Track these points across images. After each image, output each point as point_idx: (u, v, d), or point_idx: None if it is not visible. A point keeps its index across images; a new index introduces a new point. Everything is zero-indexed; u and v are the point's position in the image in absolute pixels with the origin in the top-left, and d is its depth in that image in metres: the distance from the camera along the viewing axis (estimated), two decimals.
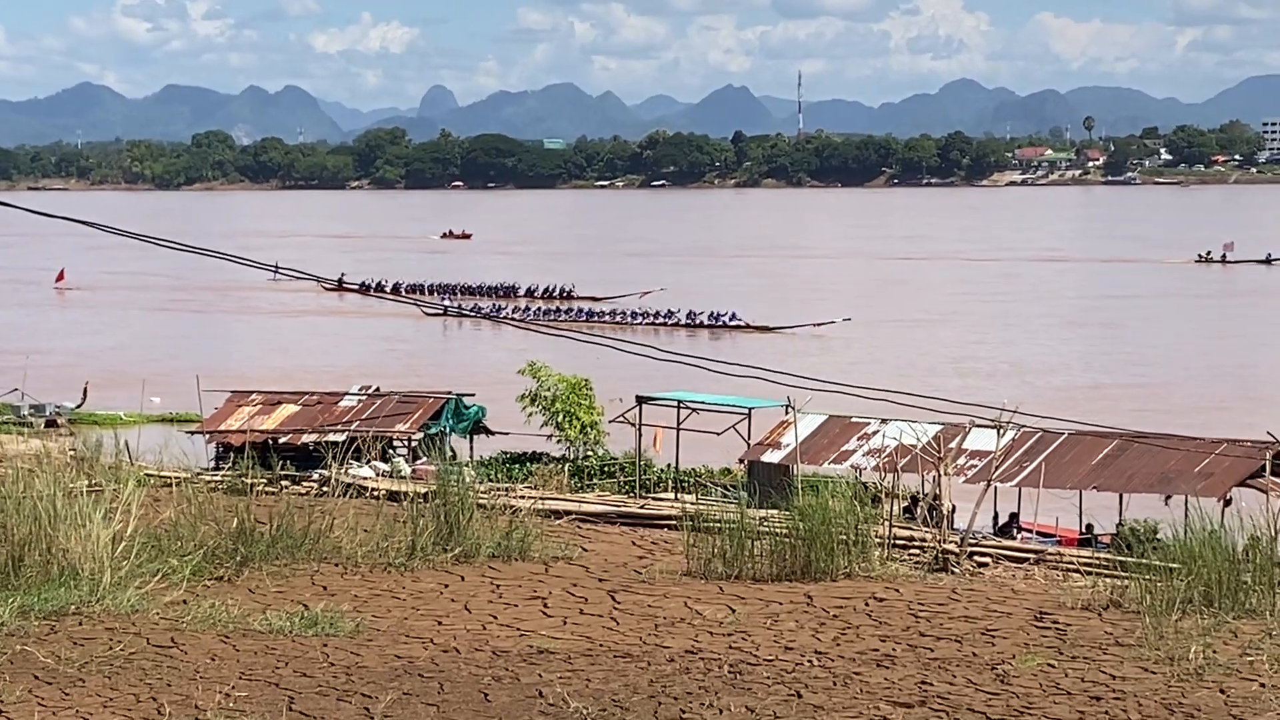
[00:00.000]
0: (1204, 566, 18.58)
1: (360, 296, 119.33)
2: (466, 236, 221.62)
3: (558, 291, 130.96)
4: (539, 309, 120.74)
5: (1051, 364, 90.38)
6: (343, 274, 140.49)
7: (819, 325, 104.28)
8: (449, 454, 41.64)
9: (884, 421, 41.99)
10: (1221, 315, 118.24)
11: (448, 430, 47.96)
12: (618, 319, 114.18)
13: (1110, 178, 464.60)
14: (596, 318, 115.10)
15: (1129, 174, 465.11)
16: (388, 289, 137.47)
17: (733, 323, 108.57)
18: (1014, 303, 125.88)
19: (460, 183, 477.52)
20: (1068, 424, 38.53)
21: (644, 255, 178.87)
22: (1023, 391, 76.14)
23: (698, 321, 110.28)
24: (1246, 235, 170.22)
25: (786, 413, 43.71)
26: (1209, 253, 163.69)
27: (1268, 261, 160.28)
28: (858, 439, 43.07)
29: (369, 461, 39.33)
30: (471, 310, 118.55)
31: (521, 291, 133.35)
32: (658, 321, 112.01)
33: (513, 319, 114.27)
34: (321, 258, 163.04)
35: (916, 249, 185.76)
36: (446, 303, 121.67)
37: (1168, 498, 38.41)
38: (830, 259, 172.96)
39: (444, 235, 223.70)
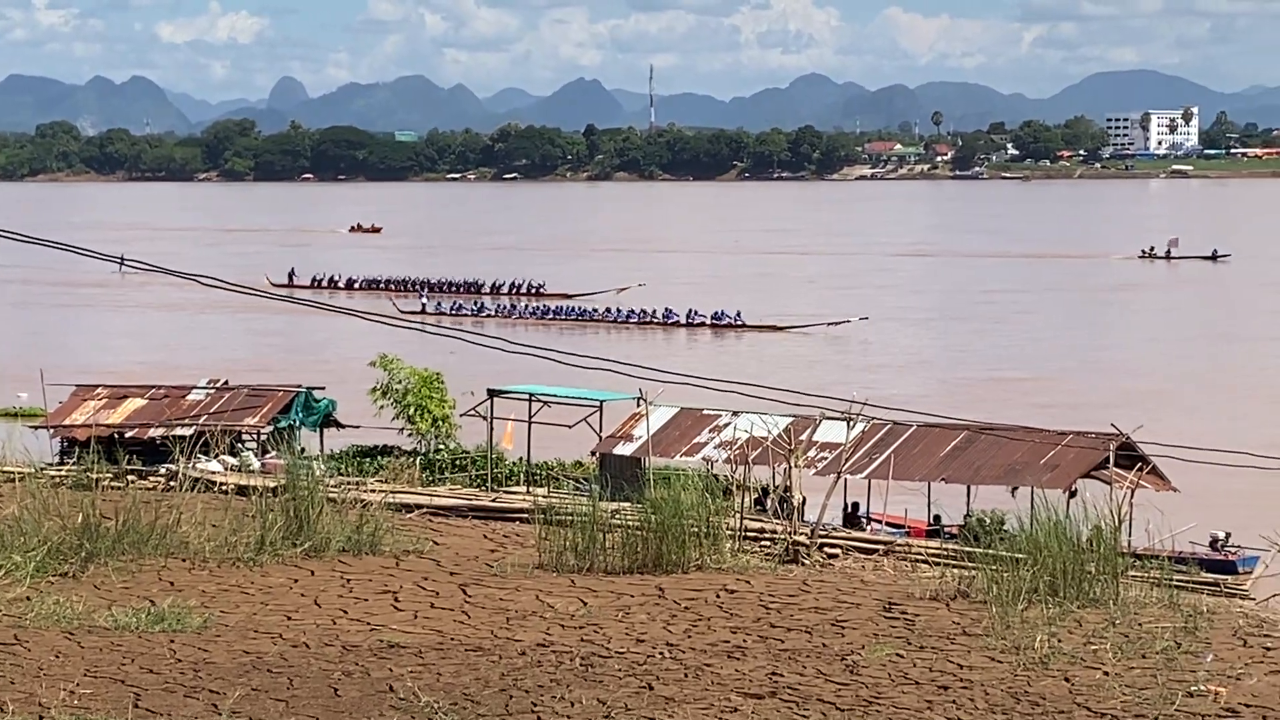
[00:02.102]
0: (1049, 557, 18.77)
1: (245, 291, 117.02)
2: (376, 230, 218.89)
3: (526, 288, 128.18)
4: (523, 307, 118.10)
5: (949, 357, 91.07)
6: (292, 268, 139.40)
7: (834, 324, 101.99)
8: (298, 448, 41.35)
9: (735, 414, 42.19)
10: (1123, 310, 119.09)
11: (297, 424, 47.65)
12: (611, 318, 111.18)
13: (958, 172, 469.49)
14: (588, 316, 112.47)
15: (977, 169, 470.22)
16: (341, 285, 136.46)
17: (738, 322, 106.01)
18: (894, 295, 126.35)
19: (310, 175, 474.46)
20: (917, 416, 38.90)
21: (517, 249, 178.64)
22: (927, 386, 77.07)
23: (697, 320, 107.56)
24: (1118, 229, 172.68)
25: (638, 405, 43.80)
26: (1153, 248, 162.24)
27: (1214, 258, 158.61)
28: (709, 431, 43.25)
29: (217, 456, 38.98)
30: (451, 309, 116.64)
31: (487, 288, 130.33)
32: (654, 321, 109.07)
33: (494, 316, 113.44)
34: (217, 253, 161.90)
35: (788, 242, 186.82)
36: (424, 300, 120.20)
37: (1014, 489, 38.86)
38: (708, 254, 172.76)
39: (352, 229, 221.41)
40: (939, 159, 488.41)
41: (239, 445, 46.44)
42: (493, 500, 31.22)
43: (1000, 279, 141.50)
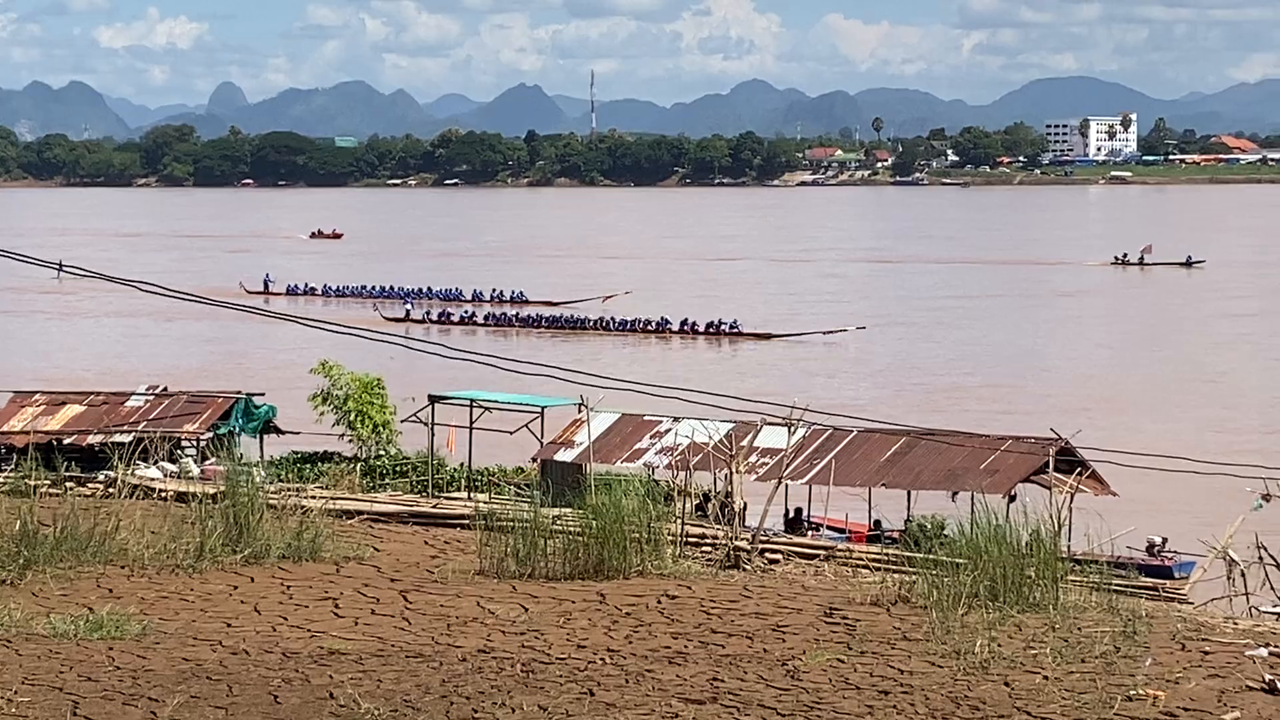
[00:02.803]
0: (989, 561, 18.84)
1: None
2: (337, 236, 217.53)
3: (509, 296, 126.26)
4: (514, 315, 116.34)
5: (910, 363, 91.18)
6: (267, 275, 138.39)
7: (830, 333, 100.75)
8: (238, 454, 41.18)
9: (676, 420, 42.21)
10: (1086, 316, 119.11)
11: (237, 430, 47.46)
12: (605, 326, 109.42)
13: (899, 178, 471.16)
14: (582, 325, 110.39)
15: (917, 175, 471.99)
16: (318, 292, 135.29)
17: (732, 330, 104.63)
18: (848, 302, 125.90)
19: (250, 180, 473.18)
20: (857, 421, 38.99)
21: (469, 255, 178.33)
22: (884, 392, 77.23)
23: (693, 329, 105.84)
24: (1078, 235, 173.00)
25: (579, 411, 43.79)
26: (1125, 255, 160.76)
27: (1188, 264, 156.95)
28: (650, 437, 43.28)
29: (156, 462, 38.80)
30: (439, 316, 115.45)
31: (468, 296, 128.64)
32: (649, 329, 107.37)
33: (484, 325, 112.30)
34: (167, 259, 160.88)
35: (737, 249, 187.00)
36: (409, 308, 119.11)
37: (954, 494, 39.01)
38: (660, 260, 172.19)
39: (313, 235, 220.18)
40: (880, 165, 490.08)
41: (178, 452, 46.22)
42: (433, 506, 31.16)
43: (962, 285, 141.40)
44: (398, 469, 49.37)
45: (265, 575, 20.95)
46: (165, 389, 50.29)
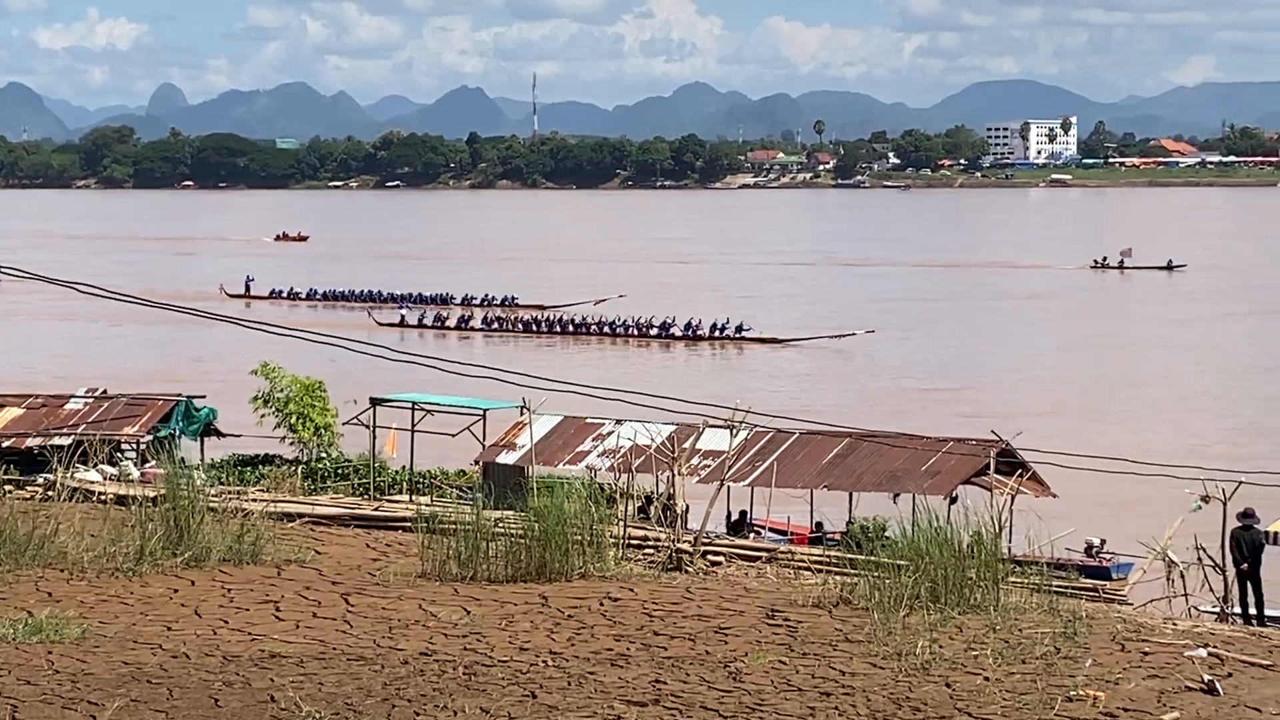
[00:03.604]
0: (930, 563, 18.91)
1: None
2: (303, 239, 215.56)
3: (500, 300, 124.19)
4: (512, 319, 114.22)
5: (874, 365, 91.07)
6: (249, 277, 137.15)
7: (838, 338, 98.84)
8: (178, 457, 40.98)
9: (619, 422, 42.19)
10: (1049, 319, 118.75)
11: (177, 433, 47.23)
12: (605, 331, 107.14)
13: (840, 181, 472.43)
14: (581, 329, 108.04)
15: (859, 177, 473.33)
16: (302, 296, 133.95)
17: (738, 335, 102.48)
18: (802, 304, 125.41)
19: (190, 182, 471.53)
20: (799, 423, 39.03)
21: (431, 258, 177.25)
22: (846, 396, 77.31)
23: (697, 333, 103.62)
24: (1039, 237, 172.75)
25: (521, 414, 43.73)
26: (1104, 259, 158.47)
27: (1170, 268, 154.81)
28: (593, 439, 43.24)
29: (96, 465, 38.59)
30: (434, 321, 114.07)
31: (458, 300, 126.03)
32: (651, 333, 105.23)
33: (480, 330, 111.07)
34: (115, 262, 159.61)
35: (687, 251, 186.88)
36: (404, 313, 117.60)
37: (896, 495, 39.08)
38: (614, 263, 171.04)
39: (278, 238, 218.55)
40: (821, 168, 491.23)
41: (118, 455, 45.96)
42: (375, 509, 31.08)
43: (933, 289, 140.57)
44: (339, 472, 49.21)
45: (206, 578, 20.87)
46: (105, 391, 50.01)
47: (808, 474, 40.76)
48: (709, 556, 24.80)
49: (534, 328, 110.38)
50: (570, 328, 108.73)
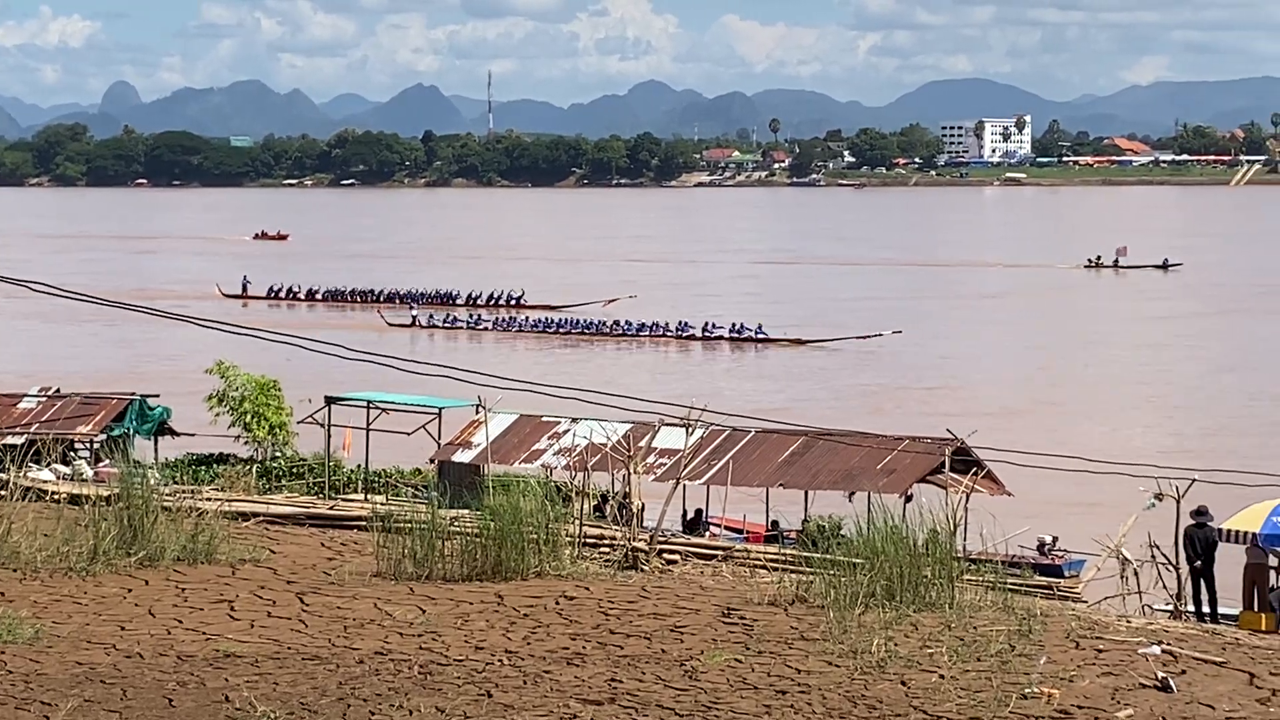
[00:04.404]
0: (886, 561, 18.93)
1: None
2: (283, 238, 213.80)
3: (505, 299, 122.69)
4: (525, 320, 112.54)
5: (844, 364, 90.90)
6: (246, 277, 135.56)
7: (866, 338, 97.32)
8: (132, 456, 40.85)
9: (574, 421, 42.18)
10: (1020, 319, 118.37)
11: (131, 432, 47.07)
12: (621, 331, 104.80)
13: (795, 179, 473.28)
14: (596, 329, 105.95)
15: (814, 176, 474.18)
16: (301, 295, 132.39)
17: (759, 336, 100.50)
18: (766, 303, 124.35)
19: (144, 180, 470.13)
20: (756, 422, 39.09)
21: (392, 256, 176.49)
22: (818, 394, 77.25)
23: (715, 334, 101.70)
24: (1012, 236, 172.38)
25: (477, 412, 43.70)
26: (1099, 258, 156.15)
27: (1165, 267, 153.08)
28: (548, 438, 43.22)
29: (49, 464, 38.43)
30: (445, 321, 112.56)
31: (461, 299, 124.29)
32: (669, 334, 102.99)
33: (493, 330, 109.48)
34: (79, 261, 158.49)
35: (649, 249, 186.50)
36: (415, 313, 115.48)
37: (851, 494, 39.14)
38: (578, 261, 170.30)
39: (257, 236, 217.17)
40: (776, 166, 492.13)
41: (71, 454, 45.79)
42: (330, 508, 30.99)
43: (917, 288, 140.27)
44: (294, 470, 49.10)
45: (160, 578, 20.79)
46: (58, 390, 49.81)
47: (763, 472, 40.81)
48: (665, 555, 24.78)
49: (545, 329, 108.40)
50: (589, 328, 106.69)
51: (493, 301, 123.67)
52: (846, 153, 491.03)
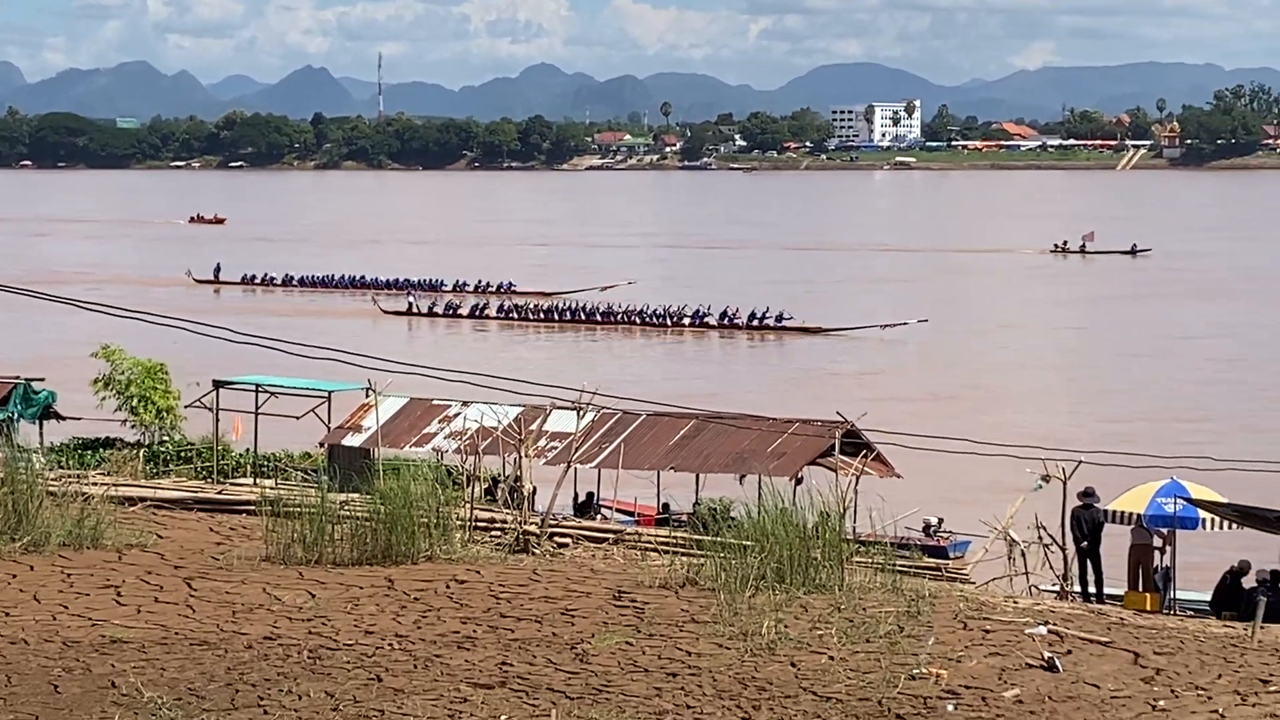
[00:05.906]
0: (776, 544, 19.01)
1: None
2: (220, 221, 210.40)
3: (495, 287, 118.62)
4: (530, 307, 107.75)
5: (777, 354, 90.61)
6: (218, 264, 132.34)
7: (888, 327, 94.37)
8: (17, 441, 40.40)
9: (465, 404, 42.05)
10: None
11: (15, 416, 46.55)
12: (628, 319, 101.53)
13: (687, 163, 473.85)
14: (604, 317, 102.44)
15: (705, 160, 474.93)
16: (278, 282, 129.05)
17: (778, 324, 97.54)
18: (679, 287, 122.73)
19: (29, 162, 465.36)
20: (646, 405, 39.09)
21: (269, 240, 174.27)
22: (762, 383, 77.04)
23: (733, 321, 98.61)
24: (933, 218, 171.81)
25: (367, 395, 43.48)
26: (1065, 243, 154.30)
27: (1133, 252, 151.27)
28: (439, 421, 43.03)
29: None
30: (446, 309, 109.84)
31: (449, 286, 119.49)
32: (681, 322, 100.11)
33: (495, 318, 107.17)
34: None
35: (550, 233, 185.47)
36: (412, 300, 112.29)
37: (742, 477, 39.22)
38: (480, 246, 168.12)
39: (192, 220, 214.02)
40: (668, 149, 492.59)
41: None
42: (219, 492, 30.79)
43: (822, 271, 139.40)
44: (182, 455, 48.70)
45: (45, 563, 20.60)
46: None
47: (655, 455, 40.81)
48: (556, 538, 24.78)
49: (549, 316, 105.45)
50: (597, 316, 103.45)
51: (482, 288, 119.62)
52: (738, 136, 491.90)
